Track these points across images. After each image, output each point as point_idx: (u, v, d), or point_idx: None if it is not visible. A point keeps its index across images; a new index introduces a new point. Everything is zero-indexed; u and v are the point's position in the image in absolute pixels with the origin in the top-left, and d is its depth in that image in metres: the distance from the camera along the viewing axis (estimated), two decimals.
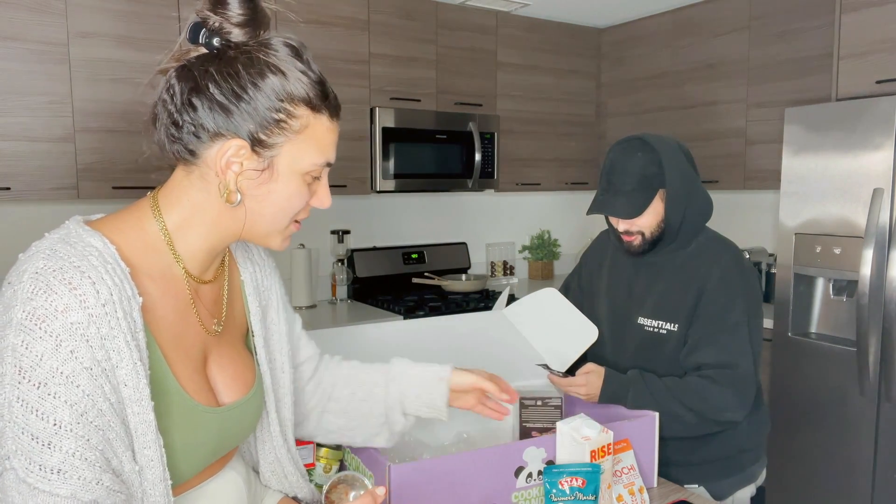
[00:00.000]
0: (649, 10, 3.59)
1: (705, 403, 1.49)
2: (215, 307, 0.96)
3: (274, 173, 0.85)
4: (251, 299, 1.02)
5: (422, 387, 1.18)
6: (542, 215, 4.25)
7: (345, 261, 3.42)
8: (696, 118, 3.43)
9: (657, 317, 1.61)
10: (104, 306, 0.75)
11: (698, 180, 1.61)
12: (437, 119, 3.31)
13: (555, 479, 1.13)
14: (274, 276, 1.09)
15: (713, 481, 1.61)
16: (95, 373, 0.74)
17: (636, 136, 1.59)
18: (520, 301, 1.81)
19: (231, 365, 0.96)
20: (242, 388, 0.97)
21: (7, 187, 2.40)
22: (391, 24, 3.20)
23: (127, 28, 2.57)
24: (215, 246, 0.90)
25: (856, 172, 2.40)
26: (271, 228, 0.89)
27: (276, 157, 0.85)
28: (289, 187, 0.87)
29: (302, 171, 0.87)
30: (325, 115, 0.88)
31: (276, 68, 0.83)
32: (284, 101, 0.83)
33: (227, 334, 0.97)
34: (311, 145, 0.86)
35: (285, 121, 0.83)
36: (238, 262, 1.03)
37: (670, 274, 1.62)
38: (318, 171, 0.89)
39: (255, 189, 0.85)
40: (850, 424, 2.48)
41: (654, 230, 1.58)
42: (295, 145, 0.85)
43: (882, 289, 2.35)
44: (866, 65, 2.51)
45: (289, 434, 1.09)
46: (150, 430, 0.79)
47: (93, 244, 0.78)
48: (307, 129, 0.85)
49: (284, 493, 1.12)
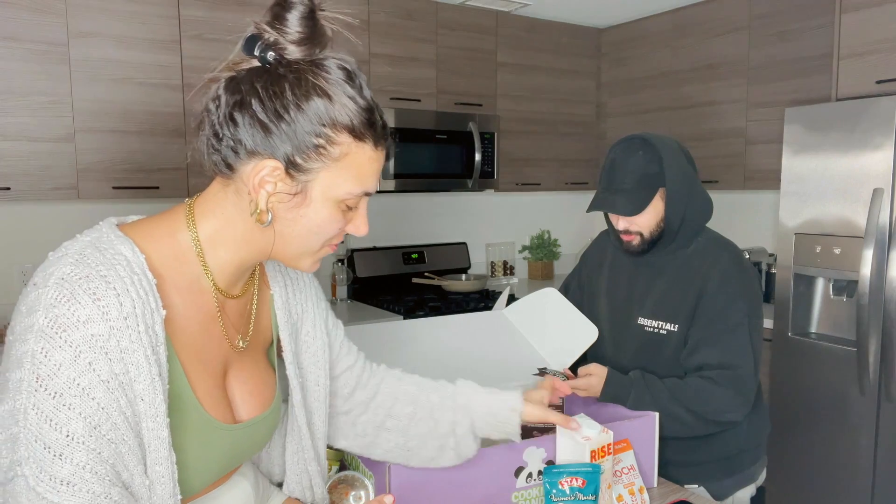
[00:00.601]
0: (649, 10, 3.59)
1: (706, 405, 1.49)
2: (241, 322, 0.94)
3: (307, 198, 0.83)
4: (280, 314, 1.00)
5: (492, 415, 1.16)
6: (542, 215, 4.24)
7: (345, 261, 3.42)
8: (696, 118, 3.43)
9: (657, 317, 1.61)
10: (126, 319, 0.74)
11: (698, 181, 1.61)
12: (437, 119, 3.31)
13: (555, 479, 1.13)
14: (310, 290, 1.07)
15: (713, 481, 1.61)
16: (112, 386, 0.73)
17: (637, 134, 1.59)
18: (520, 301, 1.81)
19: (251, 380, 0.95)
20: (260, 405, 0.96)
21: (7, 187, 2.41)
22: (391, 24, 3.20)
23: (127, 28, 2.57)
24: (245, 261, 0.89)
25: (856, 172, 2.40)
26: (301, 251, 0.87)
27: (311, 182, 0.82)
28: (321, 214, 0.84)
29: (337, 199, 0.84)
30: (370, 144, 0.84)
31: (324, 91, 0.80)
32: (326, 127, 0.80)
33: (250, 349, 0.96)
34: (349, 174, 0.83)
35: (324, 147, 0.81)
36: (269, 275, 1.01)
37: (670, 274, 1.62)
38: (354, 200, 0.86)
39: (286, 212, 0.83)
40: (850, 424, 2.48)
41: (654, 230, 1.58)
42: (332, 172, 0.82)
43: (882, 289, 2.35)
44: (866, 65, 2.51)
45: (320, 447, 1.07)
46: (164, 447, 0.78)
47: (122, 252, 0.78)
48: (347, 157, 0.83)
49: (303, 500, 1.11)
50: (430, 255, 3.70)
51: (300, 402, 1.02)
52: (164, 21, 2.64)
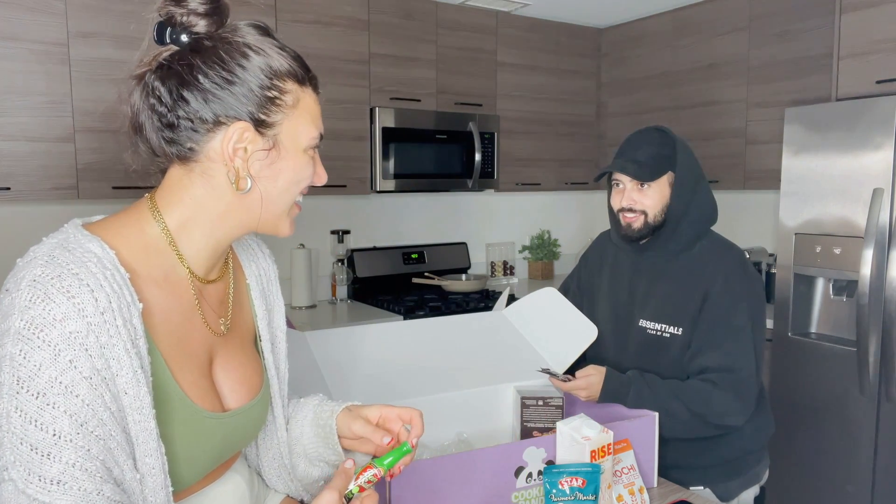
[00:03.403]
0: (649, 10, 3.59)
1: (707, 407, 1.49)
2: (221, 307, 0.95)
3: (281, 151, 0.86)
4: (258, 302, 1.02)
5: (317, 417, 1.08)
6: (542, 215, 4.24)
7: (345, 261, 3.42)
8: (696, 118, 3.43)
9: (660, 320, 1.61)
10: (103, 314, 0.74)
11: (706, 183, 1.62)
12: (437, 119, 3.31)
13: (555, 479, 1.13)
14: (276, 282, 1.09)
15: (718, 483, 1.61)
16: (95, 382, 0.73)
17: (655, 125, 1.65)
18: (520, 301, 1.81)
19: (239, 368, 0.95)
20: (248, 393, 0.96)
21: (7, 187, 2.40)
22: (391, 24, 3.20)
23: (127, 28, 2.57)
24: (220, 242, 0.90)
25: (856, 172, 2.40)
26: (282, 210, 0.89)
27: (279, 134, 0.85)
28: (296, 162, 0.87)
29: (304, 146, 0.88)
30: (310, 87, 0.89)
31: (256, 48, 0.84)
32: (274, 79, 0.84)
33: (234, 336, 0.96)
34: (306, 119, 0.87)
35: (279, 97, 0.84)
36: (242, 264, 1.03)
37: (673, 277, 1.62)
38: (315, 142, 0.90)
39: (266, 170, 0.85)
40: (850, 424, 2.48)
41: (657, 213, 1.58)
42: (293, 121, 0.86)
43: (882, 289, 2.35)
44: (866, 65, 2.51)
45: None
46: (152, 439, 0.78)
47: (92, 250, 0.77)
48: (300, 103, 0.87)
49: (290, 495, 1.11)
50: (430, 255, 3.70)
51: (277, 391, 1.03)
52: None
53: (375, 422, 0.99)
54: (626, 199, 1.59)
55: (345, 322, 2.96)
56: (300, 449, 1.05)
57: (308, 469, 1.06)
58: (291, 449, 1.06)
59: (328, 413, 1.03)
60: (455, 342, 1.69)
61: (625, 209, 1.60)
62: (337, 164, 3.09)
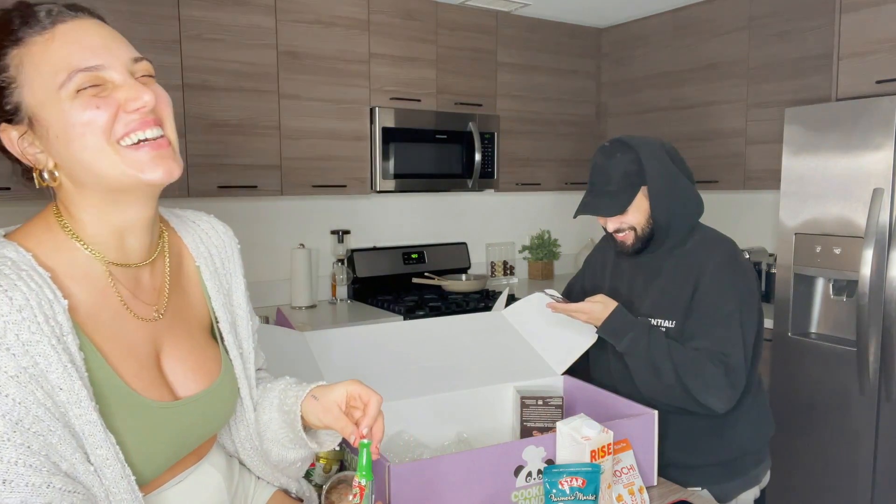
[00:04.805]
0: (649, 10, 3.59)
1: (695, 377, 1.49)
2: (156, 294, 0.93)
3: (41, 122, 0.79)
4: (210, 284, 1.00)
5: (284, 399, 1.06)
6: (542, 215, 4.25)
7: (345, 261, 3.42)
8: (696, 118, 3.43)
9: (655, 314, 1.62)
10: (20, 312, 0.73)
11: (683, 178, 1.62)
12: (437, 119, 3.31)
13: (555, 479, 1.13)
14: (237, 260, 1.06)
15: (717, 484, 1.61)
16: (23, 380, 0.73)
17: (616, 138, 1.65)
18: (519, 302, 1.82)
19: (189, 356, 0.94)
20: (204, 380, 0.94)
21: (7, 187, 2.40)
22: (391, 24, 3.20)
23: (127, 28, 2.57)
24: (115, 224, 0.85)
25: (856, 172, 2.40)
26: (104, 167, 0.79)
27: (27, 109, 0.78)
28: (63, 122, 0.77)
29: (57, 101, 0.77)
30: (33, 36, 0.78)
31: None
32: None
33: (178, 323, 0.95)
34: (40, 74, 0.77)
35: (3, 78, 0.78)
36: (189, 246, 1.00)
37: (668, 272, 1.63)
38: (73, 85, 0.77)
39: (51, 150, 0.80)
40: (850, 424, 2.48)
41: (644, 226, 1.61)
42: (29, 87, 0.78)
43: (882, 289, 2.35)
44: (866, 65, 2.51)
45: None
46: (98, 431, 0.78)
47: (5, 255, 0.78)
48: (24, 66, 0.78)
49: (273, 483, 1.11)
50: (430, 255, 3.70)
51: (242, 372, 1.02)
52: (164, 21, 2.64)
53: (344, 407, 0.97)
54: (611, 224, 1.64)
55: (345, 322, 2.96)
56: (271, 435, 1.04)
57: (282, 453, 1.05)
58: (262, 435, 1.05)
59: (293, 399, 1.01)
60: (455, 342, 1.69)
61: (613, 231, 1.65)
62: (337, 164, 3.09)
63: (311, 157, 3.02)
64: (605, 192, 1.60)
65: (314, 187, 3.04)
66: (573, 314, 1.60)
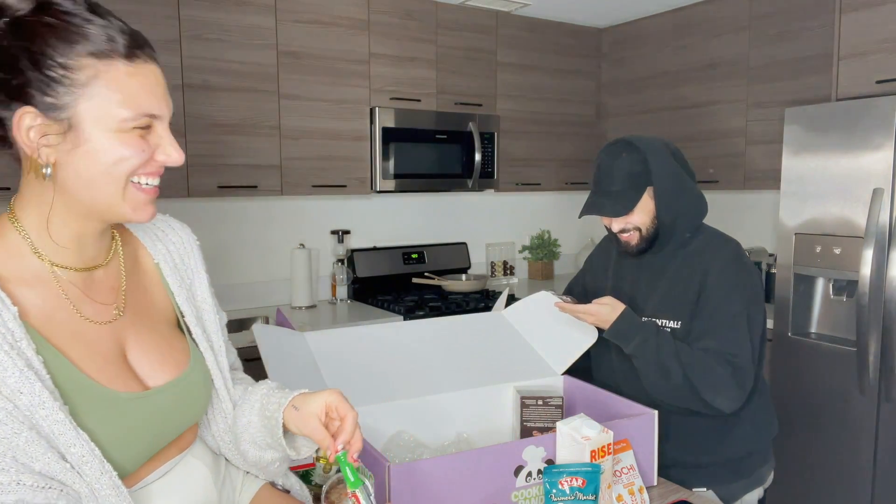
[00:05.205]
0: (649, 10, 3.59)
1: (703, 378, 1.48)
2: (114, 294, 0.94)
3: (81, 134, 0.80)
4: (171, 280, 1.01)
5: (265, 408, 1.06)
6: (542, 215, 4.25)
7: (345, 261, 3.42)
8: (696, 118, 3.43)
9: (660, 315, 1.61)
10: None
11: (688, 179, 1.62)
12: (437, 119, 3.31)
13: (555, 479, 1.13)
14: (198, 257, 1.07)
15: (722, 484, 1.61)
16: None
17: (621, 138, 1.64)
18: (519, 302, 1.82)
19: (156, 349, 0.95)
20: (173, 370, 0.95)
21: (7, 187, 2.40)
22: (391, 24, 3.20)
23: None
24: (79, 232, 0.87)
25: (856, 172, 2.40)
26: (109, 193, 0.83)
27: (74, 116, 0.79)
28: (103, 144, 0.81)
29: (112, 127, 0.81)
30: (120, 59, 0.81)
31: (49, 25, 0.78)
32: (62, 57, 0.78)
33: (143, 321, 0.96)
34: (112, 97, 0.80)
35: (67, 76, 0.78)
36: (147, 246, 1.02)
37: (672, 272, 1.63)
38: (133, 123, 0.82)
39: (68, 154, 0.80)
40: (850, 424, 2.48)
41: (649, 227, 1.60)
42: (92, 101, 0.79)
43: (882, 289, 2.35)
44: (866, 65, 2.51)
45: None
46: (68, 430, 0.78)
47: None
48: (98, 80, 0.79)
49: (259, 476, 1.10)
50: (430, 255, 3.70)
51: (214, 364, 1.03)
52: (164, 21, 2.64)
53: (323, 418, 0.97)
54: (616, 224, 1.63)
55: (345, 322, 2.96)
56: (248, 437, 1.05)
57: (259, 454, 1.06)
58: (240, 436, 1.05)
59: (275, 405, 1.02)
60: (455, 342, 1.69)
61: (618, 232, 1.64)
62: (337, 164, 3.09)
63: (311, 157, 3.02)
64: (610, 193, 1.59)
65: (314, 187, 3.04)
66: (580, 315, 1.59)
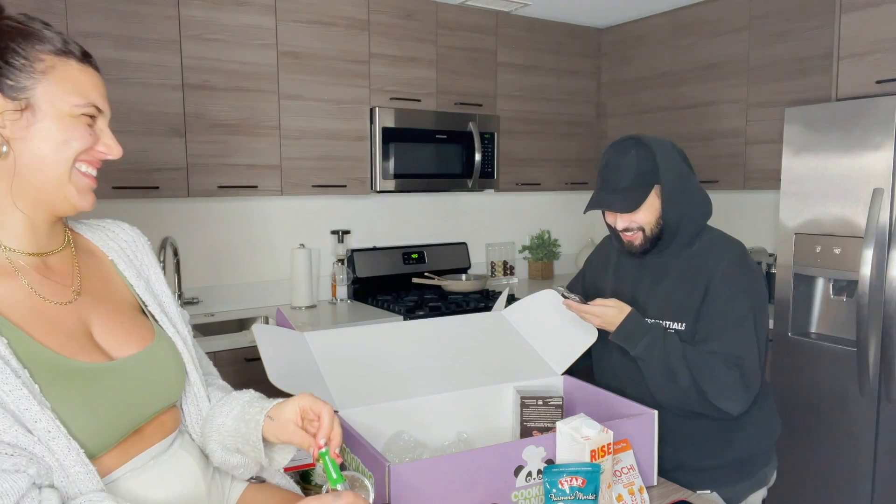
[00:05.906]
0: (649, 10, 3.59)
1: (710, 381, 1.48)
2: (69, 277, 0.98)
3: (37, 112, 0.89)
4: (127, 272, 1.07)
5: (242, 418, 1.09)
6: (542, 215, 4.25)
7: (345, 261, 3.42)
8: (696, 118, 3.43)
9: (663, 317, 1.61)
10: None
11: (695, 179, 1.61)
12: (437, 119, 3.31)
13: (555, 479, 1.13)
14: (150, 254, 1.14)
15: (726, 486, 1.60)
16: None
17: (630, 136, 1.62)
18: (520, 301, 1.81)
19: (120, 326, 0.99)
20: (139, 343, 0.99)
21: None
22: (391, 24, 3.20)
23: (127, 28, 2.57)
24: (31, 217, 0.93)
25: (856, 172, 2.40)
26: (56, 175, 0.91)
27: (32, 97, 0.88)
28: (58, 125, 0.90)
29: (65, 111, 0.90)
30: (74, 59, 0.92)
31: (13, 27, 0.89)
32: (27, 49, 0.88)
33: (105, 303, 1.00)
34: (64, 86, 0.90)
35: (29, 64, 0.88)
36: (99, 245, 1.07)
37: (675, 274, 1.62)
38: (83, 110, 0.92)
39: (23, 131, 0.88)
40: (850, 424, 2.48)
41: (654, 227, 1.59)
42: (49, 86, 0.89)
43: (882, 289, 2.35)
44: (866, 65, 2.51)
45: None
46: (32, 405, 0.81)
47: None
48: (55, 70, 0.90)
49: (240, 471, 1.11)
50: (430, 255, 3.70)
51: (183, 348, 1.07)
52: (164, 21, 2.64)
53: (299, 422, 1.00)
54: (621, 221, 1.61)
55: (345, 322, 2.96)
56: (219, 438, 1.06)
57: (226, 457, 1.07)
58: (209, 436, 1.07)
59: (257, 409, 1.03)
60: (455, 342, 1.69)
61: (622, 230, 1.62)
62: (337, 164, 3.09)
63: (311, 157, 3.02)
64: (618, 189, 1.57)
65: (314, 187, 3.04)
66: (586, 316, 1.58)
